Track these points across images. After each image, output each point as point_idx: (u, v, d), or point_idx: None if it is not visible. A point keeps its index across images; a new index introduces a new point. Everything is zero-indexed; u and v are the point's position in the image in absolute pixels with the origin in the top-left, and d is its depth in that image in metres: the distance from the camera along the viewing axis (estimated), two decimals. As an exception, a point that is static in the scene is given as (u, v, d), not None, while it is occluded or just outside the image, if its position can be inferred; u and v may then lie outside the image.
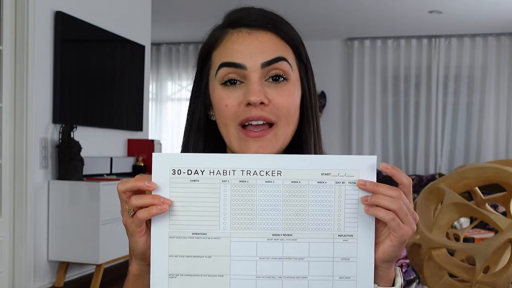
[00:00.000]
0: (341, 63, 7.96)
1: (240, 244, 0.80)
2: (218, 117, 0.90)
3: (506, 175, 2.34)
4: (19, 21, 3.87)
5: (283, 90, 0.89)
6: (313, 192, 0.80)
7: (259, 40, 0.89)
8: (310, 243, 0.80)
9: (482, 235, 3.49)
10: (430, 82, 7.60)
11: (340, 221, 0.80)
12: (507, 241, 2.22)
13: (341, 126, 7.96)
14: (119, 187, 0.80)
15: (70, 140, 4.10)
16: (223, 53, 0.90)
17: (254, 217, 0.80)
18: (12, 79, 3.86)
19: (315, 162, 0.80)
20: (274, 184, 0.80)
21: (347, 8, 6.29)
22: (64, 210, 4.08)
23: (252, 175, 0.79)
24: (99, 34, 4.64)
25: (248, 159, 0.80)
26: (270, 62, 0.88)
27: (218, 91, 0.89)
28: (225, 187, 0.79)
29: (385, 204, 0.78)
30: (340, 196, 0.80)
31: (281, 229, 0.80)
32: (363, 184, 0.79)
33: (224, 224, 0.80)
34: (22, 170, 3.87)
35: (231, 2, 0.95)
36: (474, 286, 2.26)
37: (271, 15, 0.94)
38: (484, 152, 7.38)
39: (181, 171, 0.79)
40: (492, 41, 7.41)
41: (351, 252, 0.80)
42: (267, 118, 0.87)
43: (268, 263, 0.80)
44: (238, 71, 0.88)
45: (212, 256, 0.80)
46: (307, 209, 0.80)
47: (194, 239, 0.79)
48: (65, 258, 4.11)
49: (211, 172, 0.79)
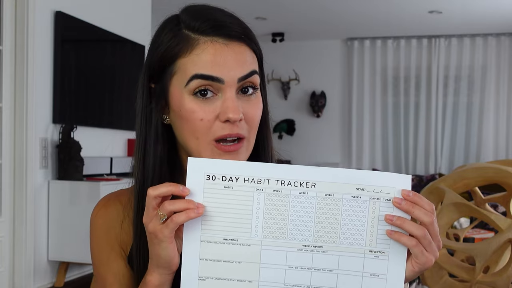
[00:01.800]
0: (341, 63, 7.96)
1: (270, 252, 0.80)
2: (187, 128, 0.88)
3: (506, 175, 2.34)
4: (19, 21, 3.87)
5: (254, 104, 0.89)
6: (346, 206, 0.80)
7: (235, 52, 0.87)
8: (340, 256, 0.80)
9: (482, 235, 3.48)
10: (430, 82, 7.60)
11: (372, 237, 0.80)
12: (507, 241, 2.22)
13: (341, 126, 7.96)
14: (150, 192, 0.79)
15: (70, 140, 4.10)
16: (196, 63, 0.86)
17: (286, 227, 0.80)
18: (12, 79, 3.86)
19: (350, 176, 0.80)
20: (307, 196, 0.80)
21: (347, 8, 6.29)
22: (64, 210, 4.07)
23: (286, 185, 0.80)
24: (99, 34, 4.64)
25: (283, 170, 0.80)
26: (246, 77, 0.87)
27: (189, 103, 0.87)
28: (259, 195, 0.80)
29: (409, 229, 0.78)
30: (374, 212, 0.80)
31: (312, 241, 0.80)
32: (399, 202, 0.79)
33: (256, 232, 0.80)
34: (22, 170, 3.87)
35: (231, 2, 0.94)
36: (474, 286, 2.26)
37: (243, 24, 0.91)
38: (484, 152, 7.38)
39: (216, 177, 0.79)
40: (492, 41, 7.41)
41: (381, 269, 0.80)
42: (241, 134, 0.87)
43: (296, 273, 0.80)
44: (214, 84, 0.86)
45: (242, 262, 0.80)
46: (339, 223, 0.80)
47: (225, 244, 0.80)
48: (65, 258, 4.11)
49: (246, 180, 0.80)
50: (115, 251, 0.94)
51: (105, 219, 0.96)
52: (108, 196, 1.00)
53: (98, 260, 0.95)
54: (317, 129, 7.96)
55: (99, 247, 0.95)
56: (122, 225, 0.95)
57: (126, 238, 0.95)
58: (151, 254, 0.82)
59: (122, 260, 0.94)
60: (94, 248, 0.96)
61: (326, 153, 7.96)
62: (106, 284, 0.94)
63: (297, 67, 7.90)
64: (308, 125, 8.00)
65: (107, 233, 0.95)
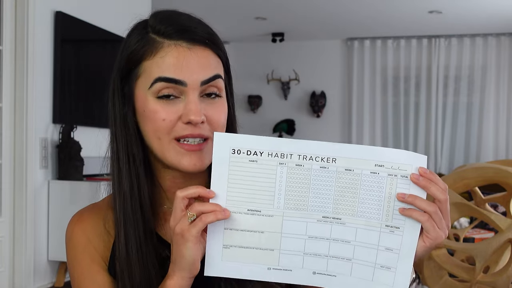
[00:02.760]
0: (341, 63, 7.96)
1: (292, 223, 0.84)
2: (149, 128, 0.90)
3: (506, 175, 2.34)
4: (19, 21, 3.87)
5: (217, 107, 0.91)
6: (365, 181, 0.83)
7: (199, 56, 0.88)
8: (358, 229, 0.84)
9: (482, 235, 3.48)
10: (430, 82, 7.60)
11: (388, 212, 0.83)
12: (507, 241, 2.22)
13: (341, 126, 7.96)
14: (178, 194, 0.82)
15: (70, 140, 4.10)
16: (160, 66, 0.88)
17: (307, 199, 0.84)
18: (12, 79, 3.86)
19: (369, 152, 0.83)
20: (328, 170, 0.83)
21: (347, 8, 6.29)
22: (64, 210, 4.07)
23: (308, 160, 0.83)
24: (99, 34, 4.63)
25: (306, 145, 0.83)
26: (209, 80, 0.89)
27: (152, 104, 0.88)
28: (282, 169, 0.83)
29: (421, 205, 0.81)
30: (391, 188, 0.83)
31: (331, 213, 0.84)
32: (417, 178, 0.82)
33: (278, 203, 0.84)
34: (22, 170, 3.87)
35: (231, 2, 0.94)
36: (474, 286, 2.26)
37: (207, 29, 0.92)
38: (484, 152, 7.38)
39: (241, 151, 0.83)
40: (492, 41, 7.40)
41: (395, 244, 0.84)
42: (204, 135, 0.89)
43: (316, 242, 0.84)
44: (177, 87, 0.87)
45: (265, 231, 0.84)
46: (357, 197, 0.83)
47: (249, 215, 0.84)
48: (65, 258, 4.09)
49: (270, 154, 0.83)
50: (97, 262, 0.95)
51: (83, 232, 0.96)
52: (81, 211, 1.02)
53: (80, 273, 0.95)
54: (317, 129, 7.96)
55: (80, 260, 0.95)
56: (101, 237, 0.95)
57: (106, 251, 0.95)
58: (175, 256, 0.84)
59: (104, 271, 0.94)
60: (74, 262, 0.96)
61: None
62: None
63: (297, 67, 7.89)
64: (308, 125, 8.00)
65: (86, 246, 0.95)
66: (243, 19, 6.76)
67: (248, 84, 7.87)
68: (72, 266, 0.97)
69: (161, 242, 0.95)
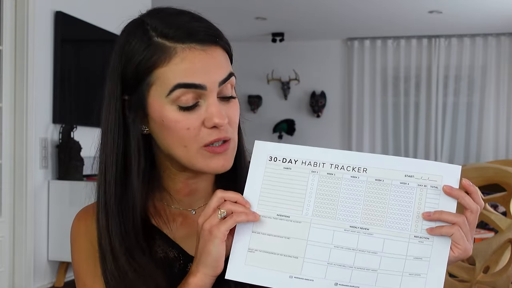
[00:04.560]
0: (341, 63, 7.96)
1: (319, 230, 0.84)
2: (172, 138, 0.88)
3: (506, 175, 2.34)
4: (19, 21, 3.87)
5: (232, 106, 0.91)
6: (394, 191, 0.83)
7: (213, 56, 0.87)
8: (385, 240, 0.83)
9: (482, 235, 3.48)
10: (430, 82, 7.60)
11: (418, 223, 0.83)
12: (507, 241, 2.22)
13: (341, 126, 7.96)
14: (219, 193, 0.84)
15: (70, 140, 4.10)
16: (177, 73, 0.85)
17: (336, 208, 0.84)
18: (12, 79, 3.86)
19: (400, 163, 0.84)
20: (358, 180, 0.84)
21: (347, 8, 6.29)
22: (64, 210, 4.07)
23: (339, 169, 0.85)
24: (99, 34, 4.63)
25: (338, 155, 0.85)
26: (226, 80, 0.88)
27: (172, 113, 0.86)
28: (313, 177, 0.85)
29: (448, 218, 0.81)
30: (421, 198, 0.83)
31: (359, 222, 0.83)
32: (450, 189, 0.82)
33: (307, 210, 0.85)
34: (22, 170, 3.86)
35: (232, 2, 0.94)
36: (474, 286, 2.26)
37: (211, 25, 0.91)
38: (484, 152, 7.37)
39: (277, 158, 0.87)
40: (492, 41, 7.40)
41: (425, 253, 0.82)
42: (227, 137, 0.89)
43: (341, 252, 0.83)
44: (197, 92, 0.86)
45: (291, 238, 0.84)
46: (387, 207, 0.83)
47: (278, 220, 0.85)
48: (65, 258, 4.11)
49: (303, 163, 0.86)
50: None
51: (88, 229, 0.96)
52: (86, 207, 1.01)
53: (84, 270, 0.95)
54: (317, 129, 7.96)
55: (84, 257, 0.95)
56: None
57: None
58: (200, 253, 0.84)
59: None
60: (79, 259, 0.96)
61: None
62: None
63: (297, 67, 7.89)
64: (308, 125, 8.00)
65: (92, 242, 0.94)
66: (243, 19, 6.76)
67: (248, 84, 7.86)
68: (75, 262, 0.96)
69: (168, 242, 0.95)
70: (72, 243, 0.97)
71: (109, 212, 0.91)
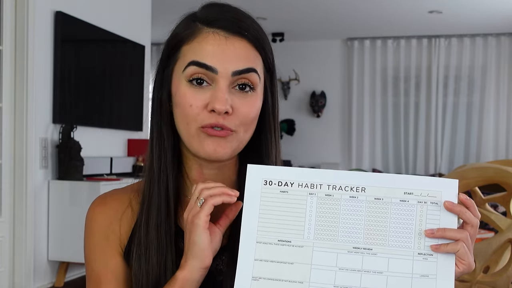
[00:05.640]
0: (341, 63, 7.96)
1: (322, 254, 0.83)
2: (179, 113, 0.91)
3: (506, 175, 2.33)
4: (19, 21, 3.87)
5: (248, 101, 0.90)
6: (395, 209, 0.83)
7: (235, 46, 0.89)
8: (390, 259, 0.82)
9: (482, 235, 3.48)
10: (430, 82, 7.60)
11: (420, 240, 0.82)
12: (507, 241, 2.22)
13: (341, 126, 7.96)
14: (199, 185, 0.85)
15: (70, 140, 4.10)
16: (195, 51, 0.89)
17: (337, 230, 0.83)
18: (12, 79, 3.86)
19: (398, 180, 0.83)
20: (358, 200, 0.83)
21: (347, 8, 6.29)
22: (64, 210, 4.07)
23: (337, 190, 0.83)
24: (99, 34, 4.63)
25: (335, 175, 0.84)
26: (241, 72, 0.88)
27: (183, 88, 0.89)
28: (312, 199, 0.84)
29: (452, 235, 0.81)
30: (422, 215, 0.82)
31: (362, 243, 0.83)
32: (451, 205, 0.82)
33: (308, 234, 0.83)
34: (22, 170, 3.87)
35: (231, 2, 0.94)
36: (474, 286, 2.26)
37: (248, 21, 0.92)
38: (484, 152, 7.38)
39: (272, 182, 0.84)
40: (492, 41, 7.41)
41: (431, 270, 0.82)
42: (227, 127, 0.88)
43: (347, 274, 0.82)
44: (208, 73, 0.88)
45: (295, 263, 0.83)
46: (388, 226, 0.83)
47: (279, 245, 0.84)
48: (65, 258, 4.11)
49: (300, 185, 0.84)
50: (113, 247, 0.95)
51: (104, 216, 0.96)
52: (103, 195, 1.01)
53: (94, 256, 0.95)
54: (317, 129, 7.96)
55: (96, 243, 0.95)
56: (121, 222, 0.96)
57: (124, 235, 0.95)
58: (187, 246, 0.85)
59: (119, 256, 0.94)
60: (90, 245, 0.96)
61: (326, 153, 7.96)
62: (102, 280, 0.94)
63: (297, 67, 7.89)
64: (308, 125, 8.00)
65: (106, 230, 0.95)
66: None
67: (248, 84, 7.86)
68: (87, 248, 0.97)
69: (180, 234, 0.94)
70: (86, 228, 0.98)
71: (151, 185, 0.93)
